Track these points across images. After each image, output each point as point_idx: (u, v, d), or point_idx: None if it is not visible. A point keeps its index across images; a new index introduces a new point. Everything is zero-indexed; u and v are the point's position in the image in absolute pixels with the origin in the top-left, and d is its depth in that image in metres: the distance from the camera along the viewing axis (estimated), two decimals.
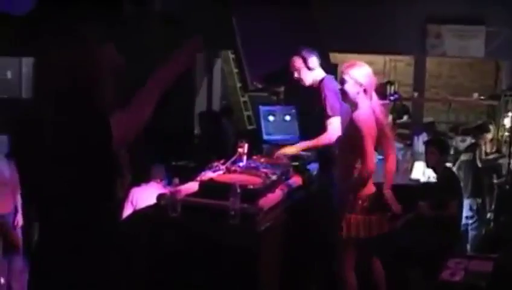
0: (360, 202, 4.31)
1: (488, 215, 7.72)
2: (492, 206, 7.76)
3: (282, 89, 9.94)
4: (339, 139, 4.70)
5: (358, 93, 4.30)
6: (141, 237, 3.54)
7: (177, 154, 8.17)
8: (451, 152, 7.59)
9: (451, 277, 3.78)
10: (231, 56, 11.63)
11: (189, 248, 3.80)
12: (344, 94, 4.40)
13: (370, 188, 4.41)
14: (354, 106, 4.36)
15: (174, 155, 7.90)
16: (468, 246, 7.12)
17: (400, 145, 8.78)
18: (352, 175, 4.34)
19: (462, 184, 6.63)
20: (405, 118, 11.52)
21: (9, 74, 8.86)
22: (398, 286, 5.43)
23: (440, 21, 9.60)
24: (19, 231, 6.16)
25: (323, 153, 5.18)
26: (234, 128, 10.03)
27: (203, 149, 8.86)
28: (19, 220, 6.14)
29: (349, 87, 4.32)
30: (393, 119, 11.16)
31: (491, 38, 9.42)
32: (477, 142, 7.83)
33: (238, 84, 11.76)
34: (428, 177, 6.93)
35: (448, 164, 6.73)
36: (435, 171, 6.06)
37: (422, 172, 7.14)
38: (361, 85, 4.30)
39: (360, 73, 4.33)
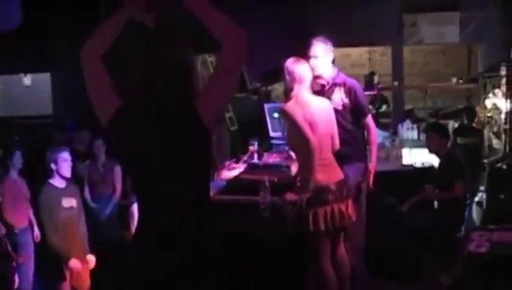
0: (329, 190, 4.22)
1: (479, 194, 7.87)
2: (481, 187, 7.89)
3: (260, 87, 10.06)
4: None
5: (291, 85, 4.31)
6: None
7: None
8: None
9: (477, 249, 3.89)
10: (209, 60, 11.65)
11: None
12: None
13: (337, 174, 4.35)
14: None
15: None
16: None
17: (385, 133, 9.00)
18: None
19: None
20: (384, 107, 11.73)
21: None
22: (410, 267, 5.60)
23: (415, 10, 9.82)
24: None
25: None
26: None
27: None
28: (37, 234, 6.06)
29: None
30: (376, 110, 11.41)
31: (466, 23, 9.66)
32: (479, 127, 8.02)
33: None
34: (415, 163, 7.17)
35: None
36: (438, 155, 6.15)
37: (410, 157, 7.42)
38: (288, 78, 4.32)
39: (288, 68, 4.32)
